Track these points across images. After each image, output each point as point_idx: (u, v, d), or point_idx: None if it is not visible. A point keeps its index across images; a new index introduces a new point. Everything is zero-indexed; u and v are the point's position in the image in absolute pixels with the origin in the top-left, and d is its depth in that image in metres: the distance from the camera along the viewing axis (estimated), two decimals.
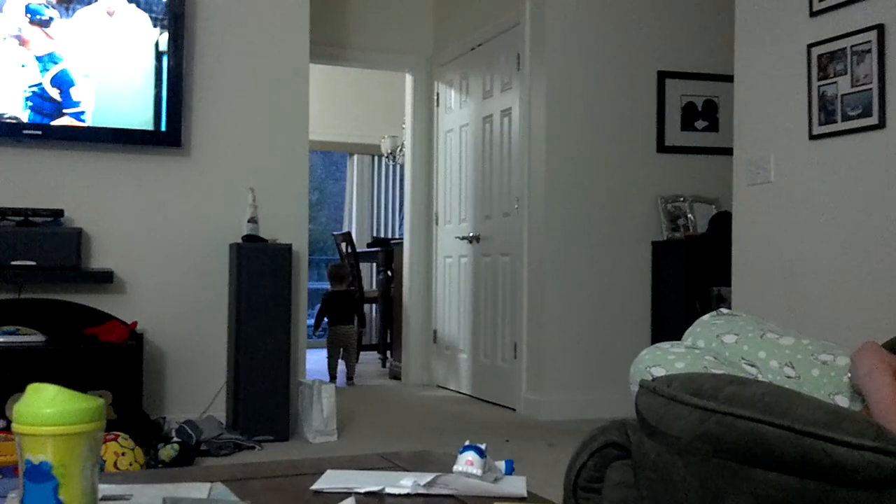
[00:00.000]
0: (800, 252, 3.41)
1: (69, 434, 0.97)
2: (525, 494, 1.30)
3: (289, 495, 1.26)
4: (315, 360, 6.65)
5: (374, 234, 9.11)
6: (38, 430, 0.97)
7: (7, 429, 3.26)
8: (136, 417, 3.71)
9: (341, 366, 6.54)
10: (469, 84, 5.80)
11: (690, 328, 1.80)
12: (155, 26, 4.04)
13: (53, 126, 3.90)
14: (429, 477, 1.31)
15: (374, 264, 8.14)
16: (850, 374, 1.56)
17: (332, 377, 6.33)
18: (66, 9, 3.92)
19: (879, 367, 1.48)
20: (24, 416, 0.98)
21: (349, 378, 6.42)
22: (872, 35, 3.09)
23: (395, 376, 6.48)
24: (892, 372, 1.48)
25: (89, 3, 3.95)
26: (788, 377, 1.63)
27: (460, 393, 5.74)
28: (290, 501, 1.19)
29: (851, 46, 3.17)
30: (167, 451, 3.44)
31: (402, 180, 8.13)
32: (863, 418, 1.29)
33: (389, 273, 6.96)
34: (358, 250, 7.59)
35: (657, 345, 1.77)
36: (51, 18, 3.90)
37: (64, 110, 3.92)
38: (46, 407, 0.98)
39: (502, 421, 4.75)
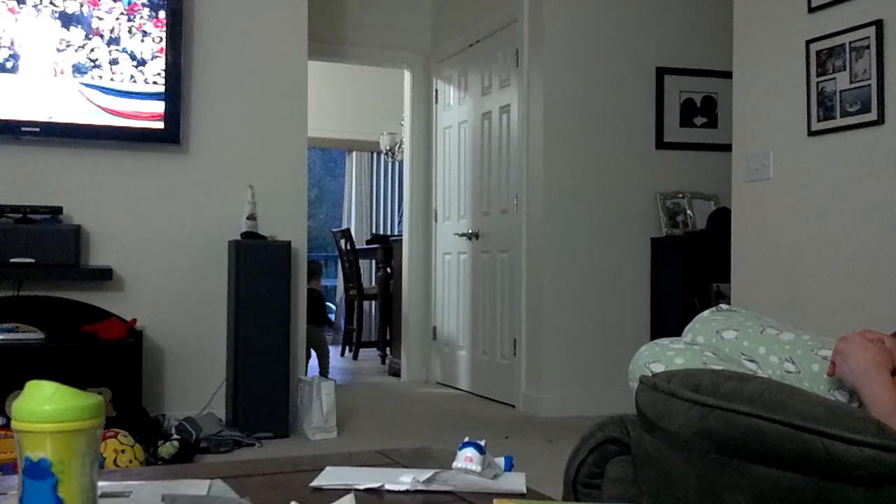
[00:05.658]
0: (799, 248, 3.41)
1: (68, 431, 0.97)
2: (524, 491, 1.30)
3: (288, 492, 1.26)
4: (314, 357, 6.63)
5: (373, 231, 9.11)
6: (37, 428, 0.97)
7: (6, 426, 3.26)
8: (135, 414, 3.71)
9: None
10: (467, 81, 5.79)
11: (690, 324, 1.80)
12: (152, 22, 4.03)
13: (52, 123, 3.90)
14: (428, 473, 1.31)
15: (373, 261, 8.14)
16: (841, 368, 1.54)
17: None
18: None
19: (876, 365, 1.47)
20: (22, 414, 0.98)
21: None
22: (871, 31, 3.09)
23: (395, 373, 6.48)
24: (888, 369, 1.47)
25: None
26: (788, 372, 1.63)
27: (459, 390, 5.74)
28: (289, 498, 1.19)
29: (850, 42, 3.17)
30: (167, 448, 3.44)
31: (400, 177, 8.14)
32: (863, 415, 1.29)
33: (388, 270, 6.96)
34: (357, 247, 7.60)
35: (656, 341, 1.77)
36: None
37: None
38: (45, 404, 0.98)
39: (502, 418, 4.75)
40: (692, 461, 1.29)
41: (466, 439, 1.34)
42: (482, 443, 1.33)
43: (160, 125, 4.04)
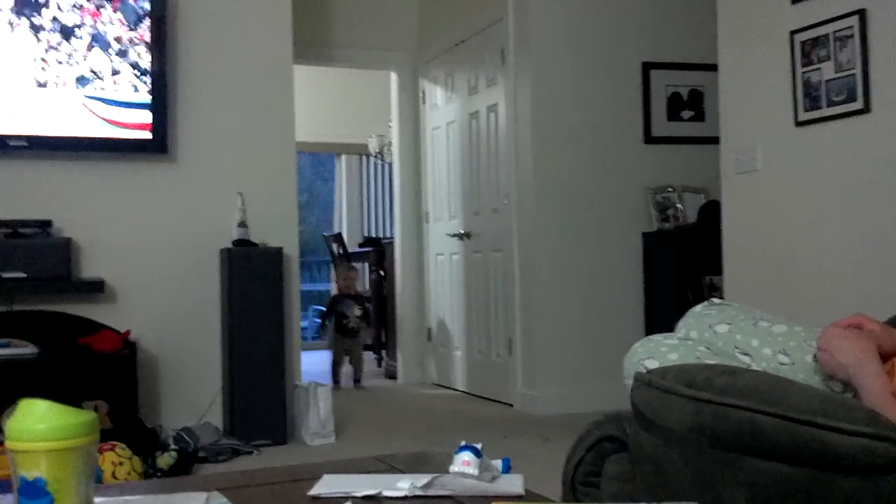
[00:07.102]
0: (789, 238, 3.42)
1: (62, 449, 0.97)
2: (522, 493, 1.30)
3: (286, 501, 1.26)
4: (310, 363, 6.61)
5: (365, 234, 9.10)
6: (31, 447, 0.97)
7: (1, 443, 3.25)
8: (132, 426, 3.70)
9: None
10: (454, 81, 5.79)
11: (683, 319, 1.80)
12: (137, 31, 4.01)
13: (39, 136, 3.88)
14: (426, 478, 1.31)
15: (366, 264, 8.13)
16: (830, 365, 1.53)
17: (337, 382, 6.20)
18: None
19: (863, 354, 1.47)
20: (16, 433, 0.98)
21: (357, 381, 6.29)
22: (854, 20, 3.10)
23: (391, 375, 6.47)
24: (878, 358, 1.47)
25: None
26: (782, 364, 1.63)
27: (456, 390, 5.73)
28: None
29: (834, 32, 3.18)
30: (165, 459, 3.43)
31: (391, 179, 8.13)
32: (857, 405, 1.29)
33: (381, 272, 6.95)
34: (349, 250, 7.59)
35: (650, 337, 1.77)
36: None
37: None
38: (39, 423, 0.97)
39: (498, 417, 4.75)
40: (688, 457, 1.29)
41: (463, 443, 1.34)
42: (479, 446, 1.33)
43: (148, 135, 4.03)
